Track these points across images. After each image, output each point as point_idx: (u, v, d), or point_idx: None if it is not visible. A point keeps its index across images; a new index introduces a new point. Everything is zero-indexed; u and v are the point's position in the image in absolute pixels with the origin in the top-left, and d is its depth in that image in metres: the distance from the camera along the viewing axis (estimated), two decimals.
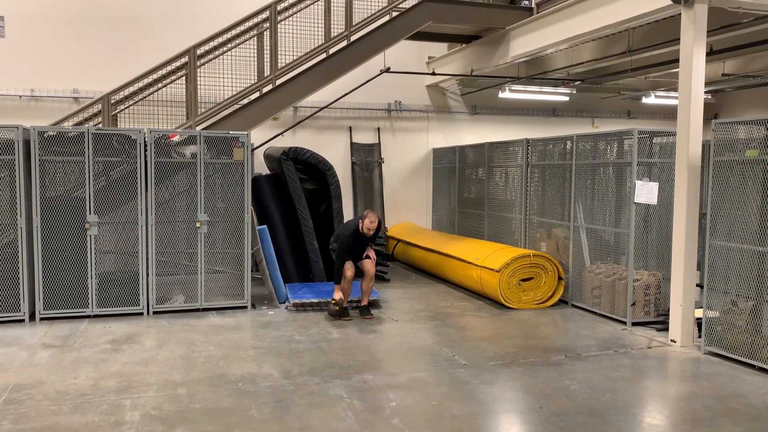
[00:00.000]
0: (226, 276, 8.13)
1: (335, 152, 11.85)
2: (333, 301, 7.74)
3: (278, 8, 8.84)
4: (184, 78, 8.48)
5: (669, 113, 14.28)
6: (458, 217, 11.77)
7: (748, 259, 5.98)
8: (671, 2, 6.66)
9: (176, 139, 7.80)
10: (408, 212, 12.83)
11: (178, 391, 5.14)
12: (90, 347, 6.36)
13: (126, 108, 8.37)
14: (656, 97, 12.74)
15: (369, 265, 7.92)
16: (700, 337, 6.51)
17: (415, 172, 12.89)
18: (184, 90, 8.54)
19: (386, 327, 7.36)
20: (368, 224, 7.76)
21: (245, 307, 8.09)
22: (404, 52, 11.63)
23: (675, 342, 6.67)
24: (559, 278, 8.51)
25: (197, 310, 7.94)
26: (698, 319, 6.64)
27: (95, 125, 8.34)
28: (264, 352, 6.25)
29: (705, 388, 5.36)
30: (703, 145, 6.75)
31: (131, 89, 8.35)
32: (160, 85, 8.38)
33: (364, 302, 7.97)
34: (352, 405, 4.91)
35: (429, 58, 12.55)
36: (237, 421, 4.58)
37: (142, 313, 7.72)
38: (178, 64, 8.47)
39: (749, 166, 6.00)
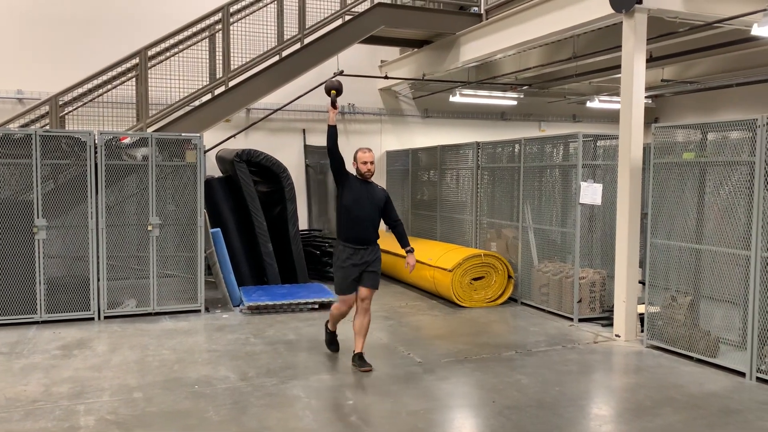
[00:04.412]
0: (179, 279, 8.06)
1: (289, 154, 11.83)
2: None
3: (231, 10, 8.81)
4: (134, 79, 8.37)
5: (612, 117, 14.75)
6: (411, 219, 11.92)
7: (687, 257, 6.29)
8: (613, 11, 6.96)
9: (127, 141, 7.70)
10: None
11: (134, 395, 5.10)
12: (40, 353, 6.22)
13: (75, 109, 8.21)
14: (600, 101, 13.14)
15: (365, 292, 5.87)
16: (642, 331, 6.80)
17: None
18: (135, 91, 8.43)
19: (342, 328, 7.39)
20: (363, 157, 5.81)
21: (199, 310, 8.03)
22: (357, 56, 11.72)
23: (619, 336, 6.96)
24: (509, 277, 8.74)
25: (150, 314, 7.84)
26: (641, 314, 6.94)
27: (42, 127, 8.15)
28: (219, 355, 6.24)
29: (647, 380, 5.62)
30: (644, 148, 7.02)
31: (80, 90, 8.19)
32: (110, 86, 8.24)
33: (358, 348, 5.94)
34: (310, 404, 4.97)
35: (381, 61, 12.68)
36: (195, 423, 4.58)
37: (92, 318, 7.59)
38: (128, 65, 8.35)
39: (687, 168, 6.31)
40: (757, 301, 5.50)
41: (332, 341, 6.37)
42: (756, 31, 6.77)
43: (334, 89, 5.91)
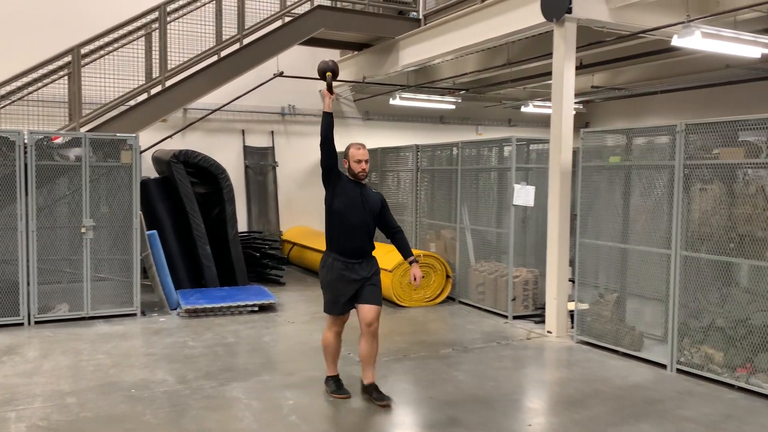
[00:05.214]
0: (114, 283, 7.88)
1: (228, 155, 11.70)
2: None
3: (168, 9, 8.68)
4: (67, 77, 8.14)
5: (546, 121, 15.14)
6: None
7: (614, 256, 6.61)
8: (545, 20, 7.23)
9: (59, 141, 7.49)
10: (303, 216, 12.89)
11: (67, 401, 4.99)
12: None
13: (2, 108, 7.92)
14: (534, 106, 13.52)
15: (371, 313, 4.95)
16: (572, 327, 7.09)
17: (310, 176, 12.95)
18: (68, 90, 8.20)
19: (282, 329, 7.45)
20: (357, 155, 5.11)
21: (135, 314, 7.87)
22: (297, 57, 11.68)
23: (551, 333, 7.23)
24: (447, 276, 8.94)
25: (83, 318, 7.64)
26: (571, 311, 7.23)
27: None
28: (157, 359, 6.16)
29: (577, 374, 5.88)
30: (574, 152, 7.31)
31: (8, 88, 7.90)
32: (40, 84, 7.98)
33: (369, 378, 5.10)
34: (250, 405, 4.98)
35: None
36: (132, 427, 4.53)
37: (22, 324, 7.33)
38: (61, 63, 8.11)
39: (614, 171, 6.64)
40: (677, 297, 5.84)
41: (339, 386, 5.22)
42: (675, 42, 7.18)
43: (329, 71, 5.09)
